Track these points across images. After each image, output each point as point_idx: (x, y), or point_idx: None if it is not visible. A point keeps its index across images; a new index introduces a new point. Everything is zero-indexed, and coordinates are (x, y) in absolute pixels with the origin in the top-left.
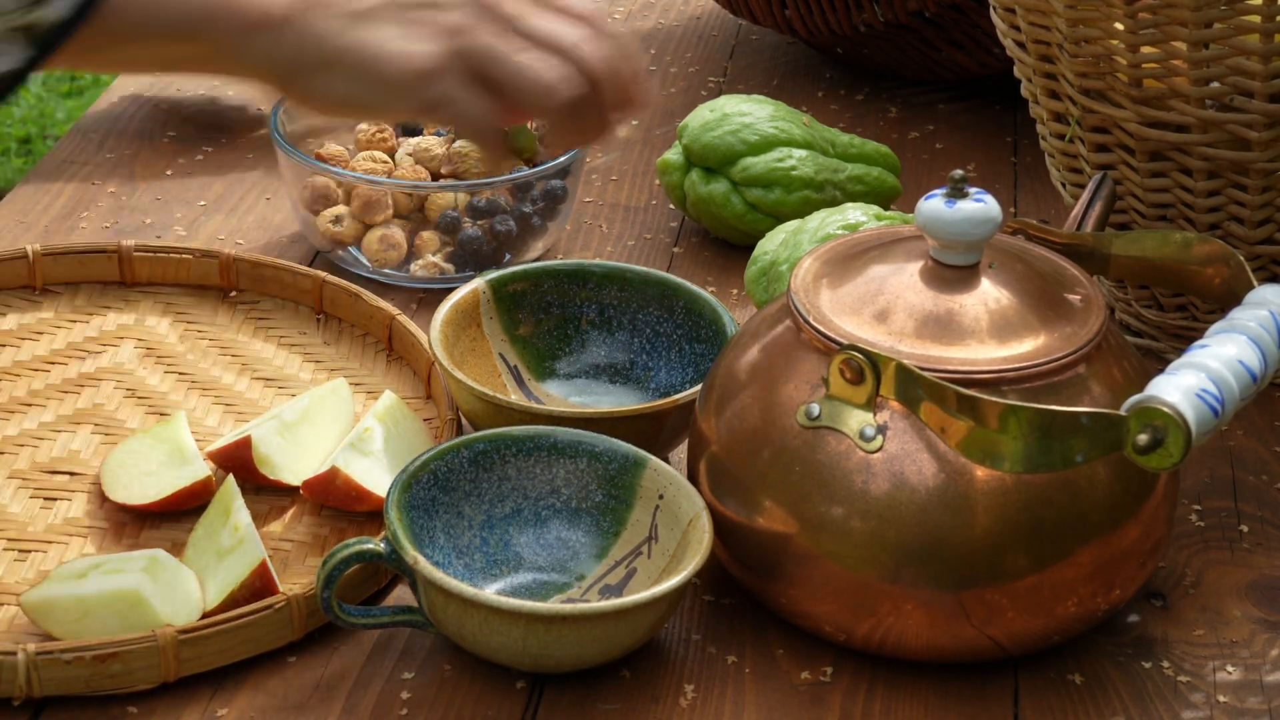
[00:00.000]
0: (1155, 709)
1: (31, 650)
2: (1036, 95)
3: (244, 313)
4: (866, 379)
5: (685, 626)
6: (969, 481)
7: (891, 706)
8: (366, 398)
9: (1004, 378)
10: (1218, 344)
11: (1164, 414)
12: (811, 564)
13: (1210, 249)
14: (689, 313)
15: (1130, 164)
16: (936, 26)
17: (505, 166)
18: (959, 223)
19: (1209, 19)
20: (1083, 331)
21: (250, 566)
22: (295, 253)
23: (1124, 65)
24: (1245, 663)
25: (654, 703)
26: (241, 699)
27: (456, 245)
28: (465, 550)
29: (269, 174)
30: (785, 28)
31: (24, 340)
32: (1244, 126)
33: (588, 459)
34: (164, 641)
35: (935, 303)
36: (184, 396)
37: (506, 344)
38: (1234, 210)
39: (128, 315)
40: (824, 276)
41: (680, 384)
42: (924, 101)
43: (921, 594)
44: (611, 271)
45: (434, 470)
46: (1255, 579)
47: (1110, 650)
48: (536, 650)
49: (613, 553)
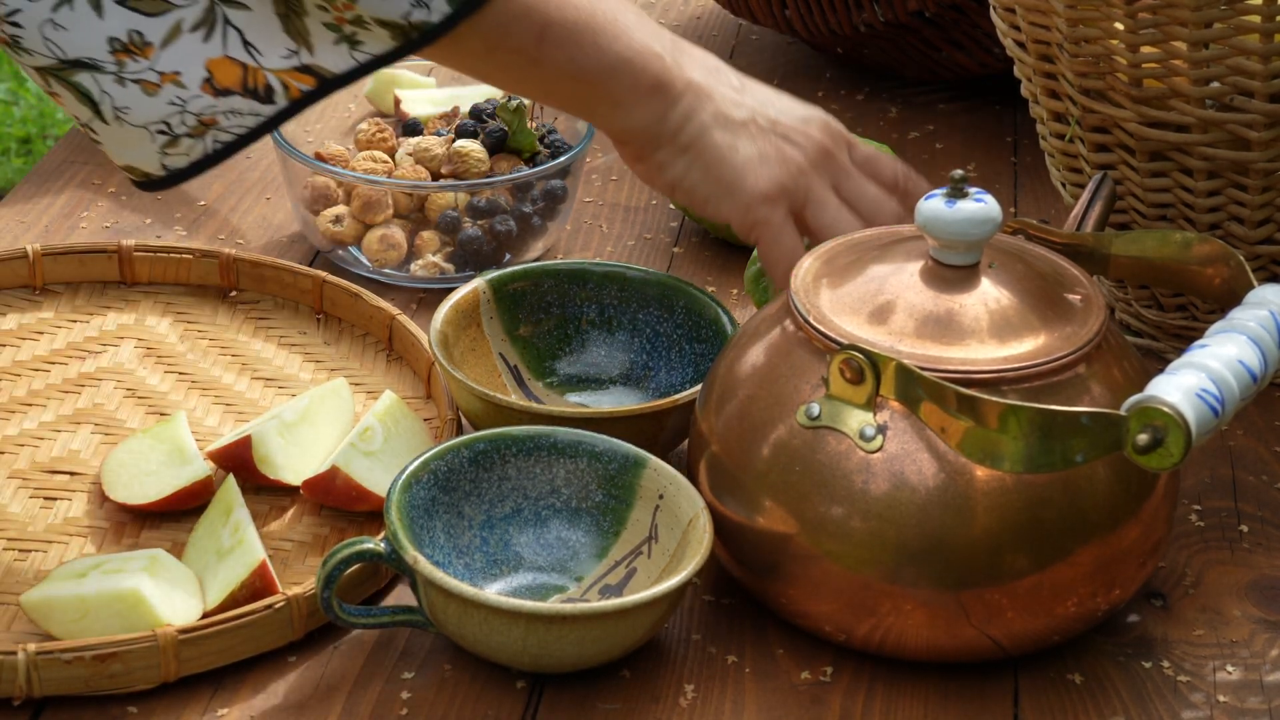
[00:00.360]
0: (1155, 709)
1: (31, 650)
2: (1036, 95)
3: (244, 313)
4: (866, 379)
5: (685, 626)
6: (969, 481)
7: (891, 706)
8: (366, 398)
9: (1004, 378)
10: (1218, 344)
11: (1164, 414)
12: (811, 564)
13: (1210, 249)
14: (689, 313)
15: (1130, 164)
16: (936, 26)
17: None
18: (959, 223)
19: (1209, 19)
20: (1083, 331)
21: (250, 566)
22: (295, 253)
23: (1124, 65)
24: (1245, 663)
25: (654, 703)
26: (241, 699)
27: (456, 245)
28: (465, 550)
29: (269, 174)
30: (785, 28)
31: (24, 340)
32: (1244, 126)
33: (588, 459)
34: (164, 641)
35: (935, 303)
36: (184, 396)
37: (506, 344)
38: (1234, 210)
39: (128, 315)
40: (824, 276)
41: (680, 384)
42: (924, 101)
43: (921, 594)
44: (611, 271)
45: (434, 470)
46: (1255, 579)
47: (1110, 650)
48: (536, 650)
49: (613, 553)
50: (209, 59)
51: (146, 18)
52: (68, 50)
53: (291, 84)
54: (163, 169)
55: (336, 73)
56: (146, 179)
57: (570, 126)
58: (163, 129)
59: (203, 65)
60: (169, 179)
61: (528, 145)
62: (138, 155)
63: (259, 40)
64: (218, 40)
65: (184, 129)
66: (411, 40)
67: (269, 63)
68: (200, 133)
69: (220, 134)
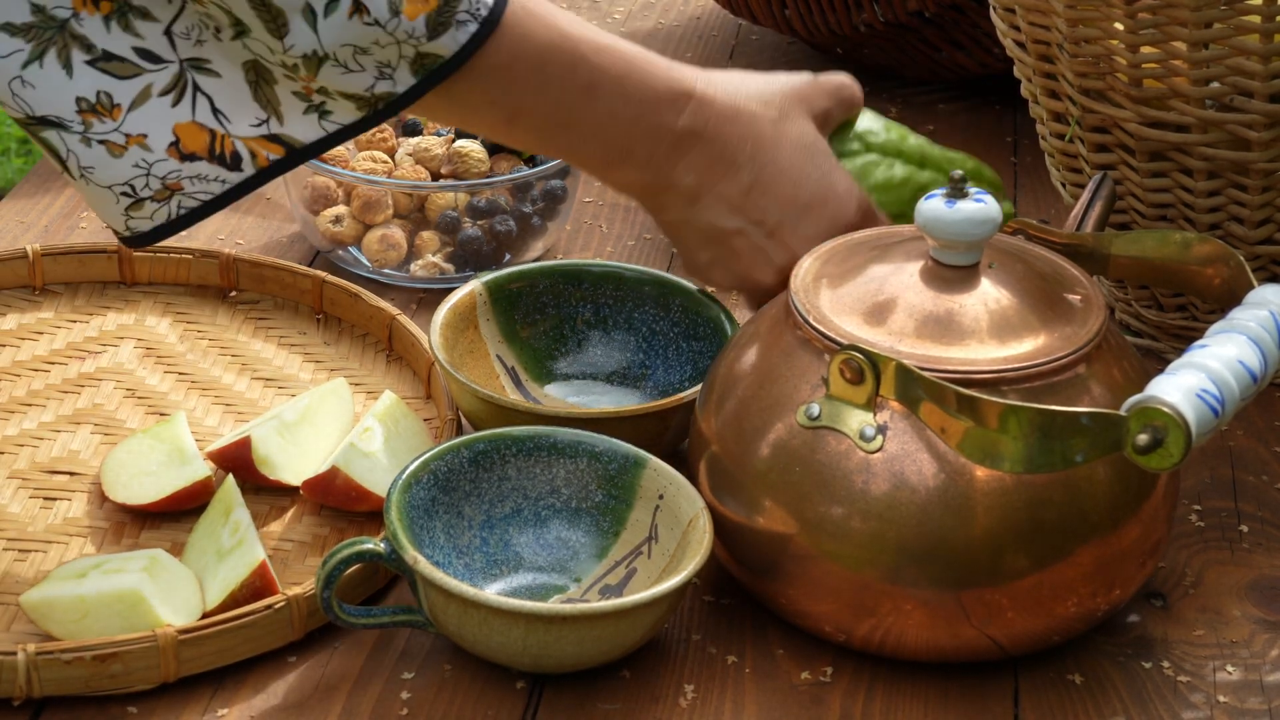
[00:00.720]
0: (1155, 709)
1: (31, 650)
2: (1036, 95)
3: (244, 313)
4: (866, 379)
5: (685, 626)
6: (969, 481)
7: (891, 706)
8: (366, 398)
9: (1004, 378)
10: (1218, 344)
11: (1164, 414)
12: (811, 564)
13: (1210, 249)
14: (685, 310)
15: (1130, 164)
16: (936, 26)
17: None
18: (959, 223)
19: (1209, 19)
20: (1083, 331)
21: (250, 566)
22: (295, 253)
23: (1124, 65)
24: (1245, 663)
25: (654, 703)
26: (241, 699)
27: (456, 245)
28: (465, 550)
29: None
30: (785, 28)
31: (24, 340)
32: (1244, 126)
33: (588, 459)
34: (164, 641)
35: (935, 303)
36: (184, 396)
37: (504, 345)
38: (1234, 210)
39: (128, 315)
40: (824, 276)
41: (679, 382)
42: (924, 101)
43: (921, 594)
44: (608, 271)
45: (434, 470)
46: (1255, 579)
47: (1110, 650)
48: (536, 650)
49: (613, 553)
50: (177, 123)
51: (116, 80)
52: (35, 107)
53: (260, 152)
54: (127, 229)
55: (305, 142)
56: (119, 236)
57: None
58: (126, 191)
59: (170, 129)
60: (134, 240)
61: None
62: (105, 213)
63: (228, 107)
64: (186, 105)
65: (148, 192)
66: (378, 111)
67: (237, 130)
68: (164, 197)
69: (185, 199)
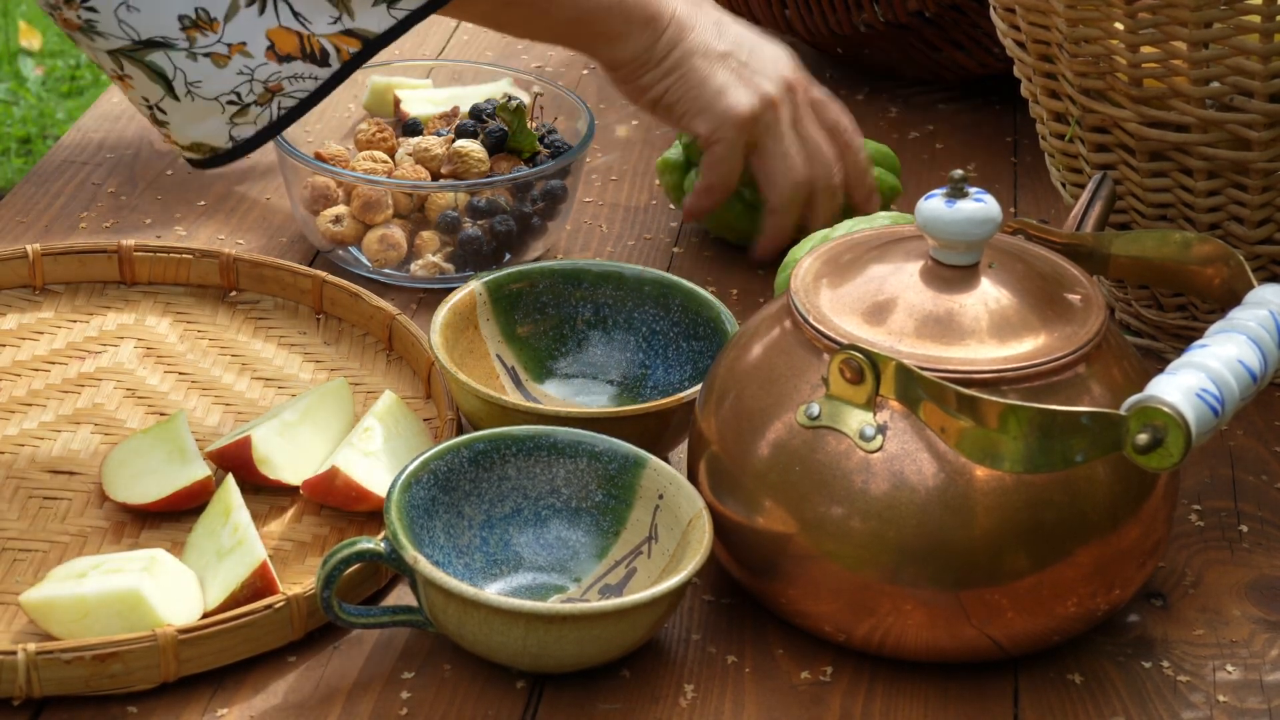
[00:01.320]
0: (1155, 709)
1: (31, 650)
2: (1036, 95)
3: (244, 313)
4: (866, 379)
5: (685, 626)
6: (969, 481)
7: (891, 706)
8: (366, 398)
9: (1004, 378)
10: (1218, 344)
11: (1164, 414)
12: (811, 564)
13: (1210, 249)
14: (685, 310)
15: (1130, 164)
16: (936, 26)
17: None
18: (959, 223)
19: (1209, 19)
20: (1083, 331)
21: (250, 566)
22: (295, 253)
23: (1124, 65)
24: (1245, 663)
25: (654, 703)
26: (241, 699)
27: (456, 245)
28: (465, 550)
29: (269, 174)
30: (785, 28)
31: (24, 340)
32: (1244, 126)
33: (588, 459)
34: (164, 641)
35: (935, 303)
36: (184, 396)
37: (504, 345)
38: (1234, 210)
39: (128, 315)
40: (824, 276)
41: (679, 381)
42: (924, 101)
43: (921, 594)
44: (607, 271)
45: (434, 470)
46: (1255, 579)
47: (1110, 650)
48: (536, 650)
49: (613, 553)
50: (268, 29)
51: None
52: (141, 30)
53: (341, 47)
54: (230, 140)
55: (378, 32)
56: (212, 154)
57: (570, 127)
58: (233, 99)
59: (264, 34)
60: (235, 151)
61: (528, 145)
62: (206, 130)
63: (305, 9)
64: (271, 12)
65: (252, 97)
66: None
67: (318, 29)
68: (266, 100)
69: (284, 99)
